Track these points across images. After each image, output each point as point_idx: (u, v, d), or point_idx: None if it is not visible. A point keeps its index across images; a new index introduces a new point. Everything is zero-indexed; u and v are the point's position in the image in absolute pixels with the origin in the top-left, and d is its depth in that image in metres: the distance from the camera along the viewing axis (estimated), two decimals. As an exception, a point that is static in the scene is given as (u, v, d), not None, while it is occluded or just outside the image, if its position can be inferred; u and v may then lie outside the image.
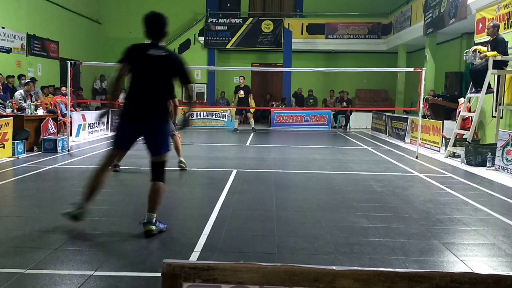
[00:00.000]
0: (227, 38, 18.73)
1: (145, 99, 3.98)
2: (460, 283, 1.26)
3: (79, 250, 3.53)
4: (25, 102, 9.80)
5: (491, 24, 8.57)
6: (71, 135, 10.14)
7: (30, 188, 5.70)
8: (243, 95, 14.04)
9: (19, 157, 8.07)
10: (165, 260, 1.30)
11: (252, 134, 13.55)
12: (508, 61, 8.57)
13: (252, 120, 14.91)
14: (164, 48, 4.19)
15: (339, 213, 4.79)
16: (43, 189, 5.65)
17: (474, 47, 8.92)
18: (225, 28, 18.69)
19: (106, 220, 4.35)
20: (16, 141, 8.21)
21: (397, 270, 1.30)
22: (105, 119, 11.82)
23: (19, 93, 10.09)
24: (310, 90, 18.93)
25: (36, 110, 9.65)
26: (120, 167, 6.93)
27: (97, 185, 4.01)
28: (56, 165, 7.47)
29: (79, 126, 11.28)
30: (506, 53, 8.41)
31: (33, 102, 10.03)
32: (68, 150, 9.06)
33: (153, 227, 3.89)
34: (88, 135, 11.70)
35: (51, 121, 9.55)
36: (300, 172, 7.35)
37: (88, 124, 11.75)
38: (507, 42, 8.54)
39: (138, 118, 3.98)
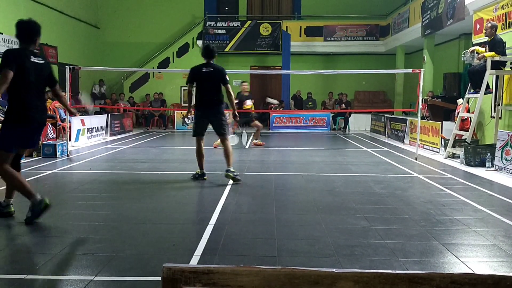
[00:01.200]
0: (225, 42, 18.77)
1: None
2: (460, 284, 1.26)
3: (79, 255, 3.53)
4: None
5: (489, 24, 8.59)
6: (70, 140, 10.14)
7: (29, 194, 5.69)
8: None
9: (19, 163, 8.06)
10: (165, 265, 1.30)
11: (251, 136, 13.52)
12: (506, 62, 8.59)
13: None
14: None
15: (339, 215, 4.79)
16: (43, 195, 5.63)
17: (472, 48, 8.94)
18: (224, 31, 18.73)
19: (105, 225, 4.35)
20: (15, 147, 8.21)
21: (397, 272, 1.30)
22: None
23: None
24: (309, 93, 18.96)
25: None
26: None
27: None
28: (55, 170, 7.46)
29: (78, 131, 11.27)
30: (504, 54, 8.43)
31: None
32: (68, 155, 9.06)
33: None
34: (87, 140, 11.69)
35: (50, 126, 9.55)
36: (300, 174, 7.35)
37: (87, 128, 11.75)
38: (505, 42, 8.56)
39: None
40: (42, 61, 4.63)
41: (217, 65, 6.65)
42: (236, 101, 10.95)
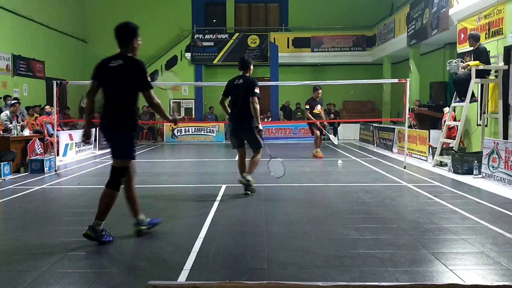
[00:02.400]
0: (213, 54, 18.84)
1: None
2: (445, 295, 1.27)
3: (66, 272, 3.48)
4: (11, 123, 9.72)
5: (469, 35, 8.79)
6: (58, 155, 10.06)
7: (16, 210, 5.63)
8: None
9: (6, 179, 7.98)
10: (150, 282, 1.29)
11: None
12: (490, 70, 8.73)
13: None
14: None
15: (329, 225, 4.79)
16: (30, 211, 5.58)
17: (463, 63, 9.04)
18: (212, 43, 18.81)
19: (93, 241, 4.30)
20: (2, 163, 8.12)
21: (382, 283, 1.30)
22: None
23: (5, 114, 10.01)
24: (298, 103, 19.03)
25: (22, 131, 9.57)
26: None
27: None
28: (43, 186, 7.39)
29: (66, 145, 11.20)
30: (488, 62, 8.57)
31: (19, 123, 9.95)
32: (56, 170, 8.98)
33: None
34: (75, 155, 11.61)
35: (38, 141, 9.47)
36: (289, 185, 7.36)
37: (75, 143, 11.67)
38: (489, 51, 8.71)
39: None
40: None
41: (249, 77, 6.59)
42: (307, 106, 11.50)
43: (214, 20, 20.83)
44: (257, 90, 6.33)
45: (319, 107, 11.51)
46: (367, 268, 3.50)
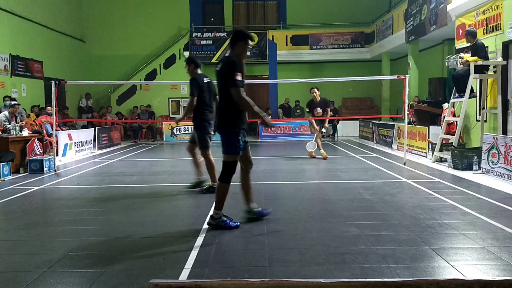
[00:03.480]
0: (212, 52, 18.82)
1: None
2: (447, 290, 1.26)
3: (67, 272, 3.48)
4: (9, 123, 9.70)
5: (465, 32, 8.79)
6: (57, 155, 10.04)
7: (16, 211, 5.62)
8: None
9: (5, 179, 7.96)
10: (151, 281, 1.28)
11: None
12: (489, 66, 8.73)
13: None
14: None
15: (330, 222, 4.79)
16: (30, 211, 5.58)
17: (461, 54, 9.03)
18: (210, 42, 18.79)
19: (94, 240, 4.30)
20: (1, 163, 8.11)
21: (384, 280, 1.30)
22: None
23: (4, 114, 9.98)
24: (297, 101, 19.04)
25: (21, 131, 9.55)
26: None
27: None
28: (42, 186, 7.38)
29: (66, 145, 11.18)
30: (486, 58, 8.57)
31: (18, 123, 9.93)
32: (55, 170, 8.96)
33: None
34: (75, 154, 11.59)
35: (37, 141, 9.46)
36: (289, 183, 7.35)
37: (75, 143, 11.66)
38: (487, 46, 8.70)
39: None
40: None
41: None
42: (307, 110, 10.92)
43: (212, 19, 20.81)
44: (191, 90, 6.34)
45: (318, 109, 10.80)
46: (368, 264, 3.50)
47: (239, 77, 4.46)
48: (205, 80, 6.51)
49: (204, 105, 6.41)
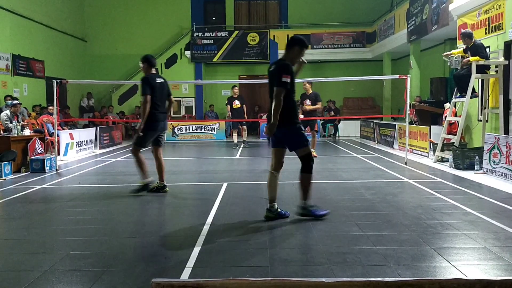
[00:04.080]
0: (213, 52, 18.83)
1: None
2: (449, 289, 1.26)
3: (69, 271, 3.48)
4: (11, 122, 9.72)
5: (461, 35, 8.83)
6: (59, 154, 10.05)
7: (18, 210, 5.63)
8: (239, 105, 13.09)
9: (6, 179, 7.98)
10: (154, 280, 1.28)
11: (242, 146, 13.53)
12: (490, 65, 8.71)
13: (245, 133, 13.79)
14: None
15: (331, 222, 4.79)
16: (31, 211, 5.58)
17: (447, 52, 9.09)
18: (211, 41, 18.80)
19: (96, 240, 4.30)
20: (3, 163, 8.12)
21: (386, 279, 1.30)
22: None
23: (5, 113, 10.00)
24: (298, 101, 19.01)
25: (22, 131, 9.57)
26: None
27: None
28: (44, 185, 7.39)
29: (67, 145, 11.19)
30: (487, 57, 8.56)
31: (19, 122, 9.95)
32: (56, 170, 8.97)
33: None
34: (76, 154, 11.60)
35: (38, 141, 9.47)
36: (290, 182, 7.35)
37: (76, 142, 11.67)
38: (489, 46, 8.69)
39: None
40: None
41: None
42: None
43: (214, 18, 20.81)
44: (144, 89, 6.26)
45: (308, 101, 10.90)
46: (370, 264, 3.50)
47: (286, 79, 4.75)
48: (158, 80, 6.44)
49: (153, 105, 6.32)
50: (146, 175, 6.56)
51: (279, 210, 4.99)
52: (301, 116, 10.68)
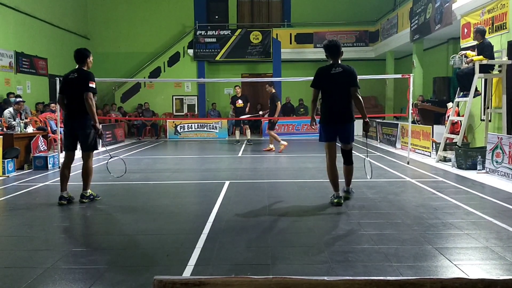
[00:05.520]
0: (216, 50, 18.82)
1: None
2: (451, 289, 1.26)
3: (71, 268, 3.50)
4: (14, 120, 9.74)
5: (475, 30, 8.72)
6: (61, 151, 10.06)
7: (21, 207, 5.65)
8: (242, 104, 13.44)
9: (10, 176, 8.00)
10: (156, 277, 1.29)
11: (244, 144, 13.54)
12: (494, 65, 8.69)
13: (248, 131, 13.85)
14: (342, 66, 5.68)
15: (333, 221, 4.79)
16: (34, 208, 5.60)
17: (463, 52, 9.02)
18: (214, 40, 18.79)
19: (98, 237, 4.32)
20: (6, 160, 8.15)
21: (388, 278, 1.30)
22: None
23: (8, 111, 10.02)
24: (301, 99, 19.03)
25: (25, 128, 9.59)
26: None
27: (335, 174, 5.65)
28: (47, 183, 7.41)
29: (70, 142, 11.19)
30: (492, 57, 8.52)
31: (23, 120, 9.97)
32: (59, 167, 8.98)
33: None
34: (78, 151, 11.60)
35: (41, 138, 9.49)
36: (292, 181, 7.35)
37: (79, 140, 11.66)
38: (493, 46, 8.66)
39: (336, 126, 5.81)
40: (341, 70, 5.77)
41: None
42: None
43: (217, 17, 20.80)
44: (92, 85, 5.71)
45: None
46: (371, 263, 3.50)
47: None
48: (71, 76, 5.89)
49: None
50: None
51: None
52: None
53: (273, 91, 12.00)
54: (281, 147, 11.49)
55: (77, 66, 6.01)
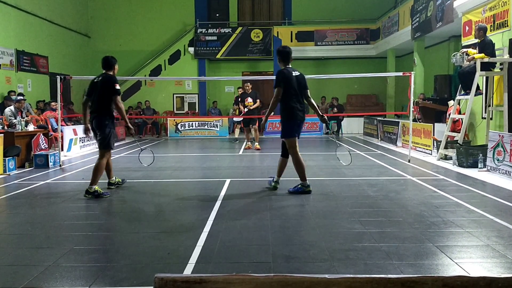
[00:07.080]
0: (217, 48, 18.81)
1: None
2: (452, 287, 1.26)
3: (72, 266, 3.50)
4: (15, 118, 9.74)
5: (477, 27, 8.69)
6: (62, 149, 10.08)
7: (22, 205, 5.65)
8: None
9: (11, 174, 8.01)
10: (157, 275, 1.29)
11: (247, 143, 13.50)
12: (495, 63, 8.67)
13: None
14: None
15: (334, 219, 4.79)
16: (35, 206, 5.61)
17: (464, 50, 9.00)
18: (215, 38, 18.78)
19: (99, 235, 4.32)
20: (7, 158, 8.16)
21: (389, 276, 1.30)
22: None
23: (9, 109, 10.02)
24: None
25: (26, 126, 9.60)
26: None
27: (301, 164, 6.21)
28: (48, 181, 7.41)
29: (71, 140, 11.22)
30: (493, 55, 8.50)
31: (24, 118, 9.97)
32: (60, 165, 9.00)
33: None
34: (80, 149, 11.64)
35: (42, 136, 9.49)
36: (293, 179, 7.34)
37: (80, 138, 11.70)
38: (494, 44, 8.64)
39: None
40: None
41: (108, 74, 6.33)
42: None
43: (217, 15, 20.78)
44: (117, 87, 6.15)
45: (249, 99, 12.18)
46: (372, 261, 3.50)
47: None
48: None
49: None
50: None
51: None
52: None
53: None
54: (255, 146, 11.93)
55: (103, 72, 6.36)
